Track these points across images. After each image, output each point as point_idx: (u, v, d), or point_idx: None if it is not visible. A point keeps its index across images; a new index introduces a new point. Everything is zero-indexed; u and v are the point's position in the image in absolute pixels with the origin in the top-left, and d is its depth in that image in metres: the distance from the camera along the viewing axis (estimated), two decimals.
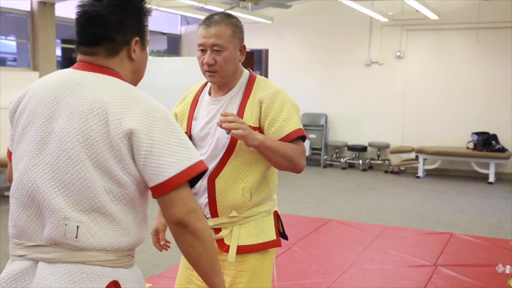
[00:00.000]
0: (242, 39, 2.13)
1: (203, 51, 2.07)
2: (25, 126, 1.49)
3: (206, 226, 1.49)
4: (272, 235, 2.16)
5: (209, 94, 2.20)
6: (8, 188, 6.22)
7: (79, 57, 1.55)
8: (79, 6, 1.52)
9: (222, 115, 1.95)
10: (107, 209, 1.42)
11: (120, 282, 1.44)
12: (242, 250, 2.11)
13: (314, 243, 5.07)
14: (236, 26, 2.09)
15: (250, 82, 2.15)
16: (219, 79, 2.09)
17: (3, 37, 8.87)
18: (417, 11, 8.87)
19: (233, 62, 2.09)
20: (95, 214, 1.42)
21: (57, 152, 1.42)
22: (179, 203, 1.43)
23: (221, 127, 1.95)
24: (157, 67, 8.26)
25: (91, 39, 1.50)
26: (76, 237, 1.40)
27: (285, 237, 2.27)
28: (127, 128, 1.39)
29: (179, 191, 1.43)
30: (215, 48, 2.04)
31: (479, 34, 9.30)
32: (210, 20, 2.08)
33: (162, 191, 1.42)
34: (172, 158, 1.41)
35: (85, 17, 1.49)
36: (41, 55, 8.04)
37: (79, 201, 1.41)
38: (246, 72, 2.19)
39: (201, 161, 1.46)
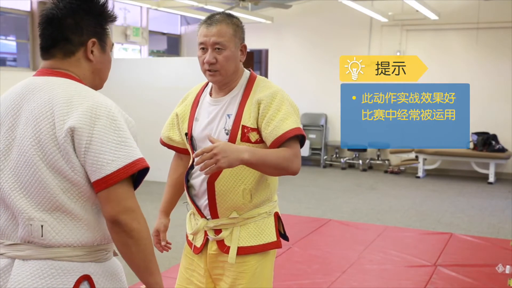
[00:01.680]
0: (243, 39, 2.12)
1: (204, 49, 2.07)
2: None
3: (143, 227, 1.49)
4: (272, 237, 2.15)
5: (210, 94, 2.19)
6: None
7: (41, 64, 1.62)
8: (42, 11, 1.60)
9: (193, 157, 1.93)
10: (67, 208, 1.47)
11: (91, 276, 1.50)
12: (242, 252, 2.09)
13: (314, 243, 5.07)
14: (237, 26, 2.09)
15: (250, 82, 2.14)
16: (220, 78, 2.08)
17: (3, 37, 8.86)
18: (417, 11, 8.87)
19: (234, 61, 2.08)
20: (57, 212, 1.47)
21: (17, 157, 1.49)
22: (114, 201, 1.45)
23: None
24: (157, 67, 8.26)
25: (48, 40, 1.57)
26: (42, 236, 1.47)
27: (286, 238, 2.26)
28: (68, 126, 1.44)
29: (115, 189, 1.45)
30: (216, 46, 2.04)
31: (479, 34, 9.30)
32: (212, 19, 2.07)
33: (99, 187, 1.45)
34: (110, 156, 1.44)
35: (44, 20, 1.57)
36: None
37: (40, 201, 1.47)
38: (246, 72, 2.18)
39: (140, 159, 1.48)
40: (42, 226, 1.46)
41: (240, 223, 2.11)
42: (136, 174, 1.50)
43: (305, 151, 10.38)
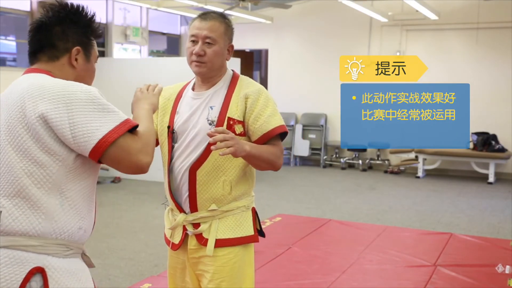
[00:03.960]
0: (231, 40, 2.22)
1: (194, 42, 2.15)
2: None
3: (150, 152, 1.59)
4: (249, 230, 2.19)
5: (193, 89, 2.26)
6: None
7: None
8: (33, 20, 1.69)
9: (209, 134, 1.96)
10: (27, 193, 1.49)
11: (46, 270, 1.48)
12: (220, 244, 2.13)
13: (314, 243, 5.07)
14: (228, 26, 2.19)
15: (234, 79, 2.23)
16: (205, 70, 2.16)
17: (3, 37, 8.86)
18: (417, 11, 8.87)
19: (221, 57, 2.17)
20: (17, 198, 1.50)
21: None
22: (123, 156, 1.52)
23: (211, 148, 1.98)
24: (157, 67, 8.26)
25: (36, 45, 1.66)
26: None
27: (263, 235, 2.29)
28: (41, 112, 1.48)
29: (118, 146, 1.51)
30: (207, 40, 2.13)
31: (478, 34, 9.31)
32: (206, 14, 2.18)
33: (97, 154, 1.50)
34: (96, 123, 1.50)
35: (33, 28, 1.67)
36: None
37: (3, 186, 1.51)
38: (229, 71, 2.26)
39: (128, 120, 1.55)
40: (0, 212, 1.49)
41: (219, 216, 2.15)
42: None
43: (305, 151, 10.38)
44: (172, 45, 11.81)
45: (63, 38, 1.65)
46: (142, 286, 3.90)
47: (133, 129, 1.56)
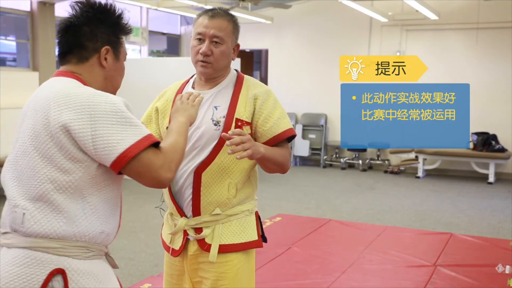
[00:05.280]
0: (237, 39, 2.15)
1: (201, 40, 2.07)
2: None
3: (176, 163, 1.60)
4: (254, 235, 2.12)
5: (193, 88, 2.18)
6: None
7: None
8: (61, 20, 1.70)
9: (226, 137, 1.89)
10: (49, 198, 1.52)
11: (66, 271, 1.52)
12: (224, 249, 2.05)
13: (314, 243, 5.07)
14: (236, 24, 2.12)
15: (239, 79, 2.16)
16: (211, 71, 2.08)
17: (3, 37, 8.86)
18: (417, 11, 8.87)
19: (228, 57, 2.10)
20: (40, 202, 1.53)
21: (18, 147, 1.60)
22: (144, 172, 1.53)
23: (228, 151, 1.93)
24: (157, 67, 8.26)
25: (65, 46, 1.67)
26: (22, 224, 1.53)
27: (265, 240, 2.22)
28: (64, 122, 1.50)
29: (139, 161, 1.52)
30: (215, 39, 2.05)
31: (478, 34, 9.31)
32: (214, 12, 2.09)
33: (118, 167, 1.51)
34: (118, 136, 1.51)
35: (62, 28, 1.67)
36: (41, 55, 8.05)
37: (27, 190, 1.54)
38: (233, 71, 2.19)
39: (150, 135, 1.55)
40: (24, 214, 1.53)
41: (222, 220, 2.07)
42: None
43: (305, 151, 10.38)
44: (172, 45, 11.81)
45: (92, 38, 1.64)
46: (142, 286, 3.90)
47: (156, 144, 1.56)
